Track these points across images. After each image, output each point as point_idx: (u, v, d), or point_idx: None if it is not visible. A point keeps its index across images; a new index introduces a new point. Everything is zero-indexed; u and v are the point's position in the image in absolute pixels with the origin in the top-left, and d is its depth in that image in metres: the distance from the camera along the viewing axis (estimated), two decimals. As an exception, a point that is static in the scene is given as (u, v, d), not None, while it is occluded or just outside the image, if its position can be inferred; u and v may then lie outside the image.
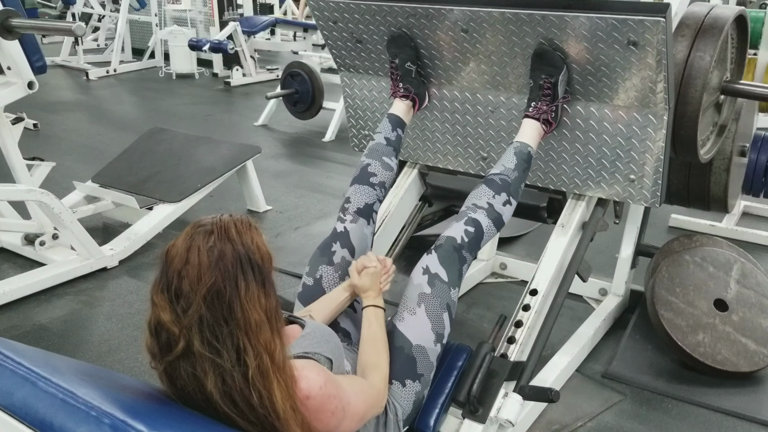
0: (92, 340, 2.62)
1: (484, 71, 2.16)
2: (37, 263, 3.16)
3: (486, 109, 2.24)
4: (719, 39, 2.16)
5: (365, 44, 2.31)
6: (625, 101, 1.98)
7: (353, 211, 1.99)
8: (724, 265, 2.51)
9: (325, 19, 2.30)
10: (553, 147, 2.16)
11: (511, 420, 1.81)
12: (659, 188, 2.06)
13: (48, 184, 3.45)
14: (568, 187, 2.21)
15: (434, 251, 1.79)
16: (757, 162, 3.16)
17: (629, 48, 1.85)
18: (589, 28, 1.87)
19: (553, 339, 2.22)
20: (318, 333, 1.48)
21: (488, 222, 1.87)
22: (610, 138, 2.06)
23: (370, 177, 2.05)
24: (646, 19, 1.77)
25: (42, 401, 1.04)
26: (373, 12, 2.18)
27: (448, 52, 2.18)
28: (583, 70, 1.98)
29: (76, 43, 8.44)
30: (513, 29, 2.00)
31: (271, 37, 9.49)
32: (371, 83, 2.45)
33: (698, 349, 2.37)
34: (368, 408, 1.47)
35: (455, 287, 1.76)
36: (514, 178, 1.95)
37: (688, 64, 2.17)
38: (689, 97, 2.15)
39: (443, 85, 2.28)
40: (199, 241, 1.20)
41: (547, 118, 2.03)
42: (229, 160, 3.77)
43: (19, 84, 2.99)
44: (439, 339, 1.70)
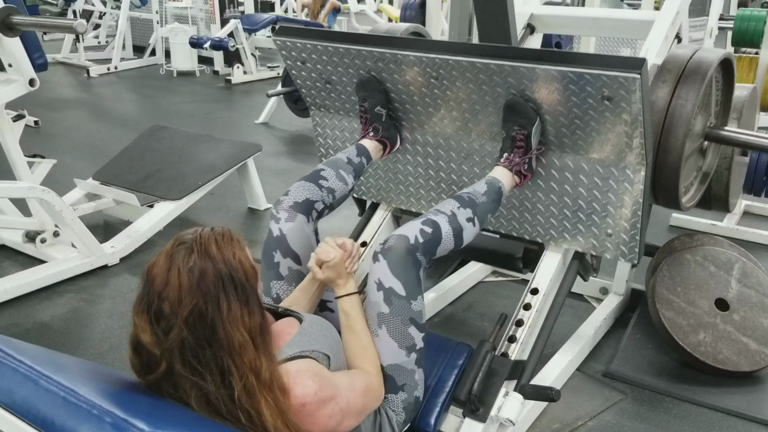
0: (93, 338, 2.62)
1: (456, 117, 2.06)
2: (38, 260, 3.16)
3: (459, 155, 2.14)
4: (702, 84, 2.04)
5: (335, 85, 2.21)
6: (601, 155, 1.89)
7: (288, 206, 1.81)
8: (726, 264, 2.51)
9: (293, 59, 2.21)
10: (528, 197, 2.07)
11: (511, 419, 1.81)
12: (637, 244, 1.97)
13: (49, 182, 3.45)
14: (544, 238, 2.11)
15: (383, 257, 1.60)
16: (759, 161, 3.16)
17: (603, 103, 1.74)
18: (562, 82, 1.76)
19: (554, 338, 2.22)
20: (315, 328, 1.47)
21: (448, 229, 1.71)
22: (585, 191, 1.96)
23: (319, 179, 1.90)
24: (621, 75, 1.66)
25: (43, 399, 1.04)
26: (341, 55, 2.09)
27: (418, 97, 2.08)
28: (557, 122, 1.88)
29: (77, 40, 8.43)
30: (483, 78, 1.89)
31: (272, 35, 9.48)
32: (342, 123, 2.35)
33: (699, 348, 2.37)
34: (367, 403, 1.47)
35: (415, 297, 1.61)
36: (482, 202, 1.82)
37: (669, 112, 2.05)
38: (670, 147, 2.04)
39: (415, 129, 2.18)
40: (179, 260, 1.18)
41: (520, 170, 1.93)
42: (230, 158, 3.77)
43: (20, 81, 2.99)
44: (411, 350, 1.60)
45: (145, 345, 1.18)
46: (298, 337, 1.41)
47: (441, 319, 2.78)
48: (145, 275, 1.21)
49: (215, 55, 8.19)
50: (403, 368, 1.60)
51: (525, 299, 2.06)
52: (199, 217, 3.78)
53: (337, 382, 1.37)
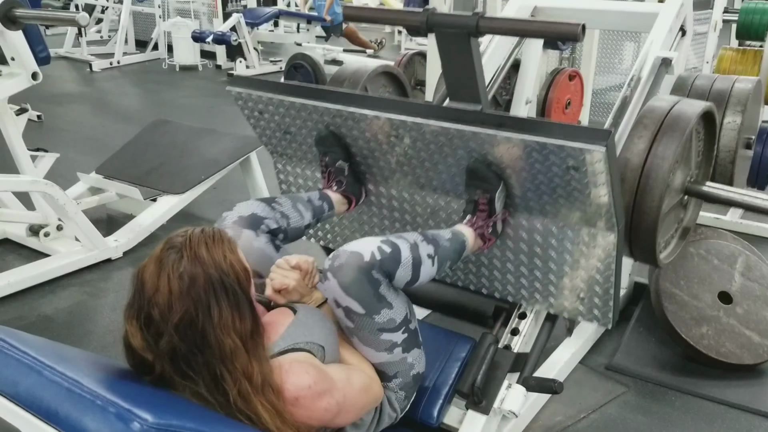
0: (97, 331, 2.63)
1: (420, 175, 1.95)
2: (42, 254, 3.17)
3: (425, 211, 2.04)
4: (681, 140, 1.91)
5: (294, 136, 2.11)
6: (569, 220, 1.78)
7: (232, 222, 1.68)
8: (729, 257, 2.51)
9: (249, 109, 2.14)
10: (497, 255, 1.96)
11: (514, 411, 1.81)
12: (611, 309, 1.87)
13: (52, 176, 3.45)
14: (515, 298, 2.00)
15: (332, 276, 1.46)
16: (763, 155, 3.14)
17: (569, 172, 1.64)
18: (524, 150, 1.66)
19: (557, 331, 2.22)
20: (309, 319, 1.46)
21: (408, 255, 1.55)
22: (556, 254, 1.85)
23: (272, 203, 1.79)
24: (585, 148, 1.55)
25: (47, 390, 1.05)
26: (298, 108, 1.98)
27: (380, 153, 1.96)
28: (522, 186, 1.78)
29: (80, 34, 8.42)
30: (444, 141, 1.79)
31: (275, 29, 9.45)
32: (305, 172, 2.24)
33: (702, 341, 2.37)
34: (366, 399, 1.47)
35: (378, 311, 1.49)
36: (444, 246, 1.69)
37: (645, 171, 1.92)
38: (646, 207, 1.93)
39: (380, 182, 2.07)
40: (168, 265, 1.17)
41: (483, 233, 1.82)
42: (233, 152, 3.77)
43: (23, 75, 2.99)
44: (392, 348, 1.54)
45: (137, 350, 1.18)
46: (291, 328, 1.40)
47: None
48: (135, 280, 1.20)
49: (218, 50, 8.17)
50: (390, 362, 1.57)
51: (528, 292, 2.05)
52: (202, 211, 3.78)
53: (333, 375, 1.36)
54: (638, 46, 5.61)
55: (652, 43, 2.42)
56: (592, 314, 1.89)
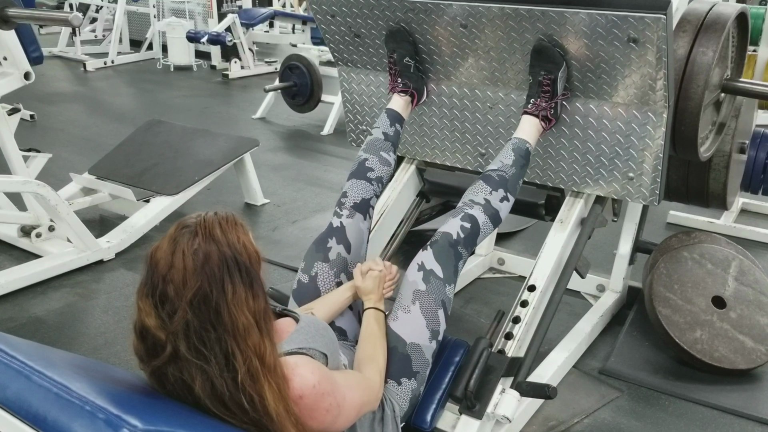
0: (88, 333, 2.61)
1: (483, 67, 2.14)
2: (34, 255, 3.15)
3: (484, 105, 2.22)
4: (721, 36, 2.14)
5: (363, 38, 2.30)
6: (625, 99, 1.96)
7: (350, 206, 1.97)
8: (723, 262, 2.51)
9: (323, 12, 2.29)
10: (552, 144, 2.14)
11: (508, 416, 1.81)
12: (657, 186, 2.05)
13: (44, 176, 3.44)
14: (567, 185, 2.19)
15: (430, 247, 1.76)
16: (756, 159, 3.16)
17: (629, 45, 1.83)
18: (589, 25, 1.85)
19: (551, 335, 2.22)
20: (312, 327, 1.47)
21: (485, 218, 1.85)
22: (608, 135, 2.04)
23: (367, 172, 2.03)
24: (647, 16, 1.75)
25: (36, 395, 1.03)
26: (372, 6, 2.16)
27: (446, 48, 2.15)
28: (583, 67, 1.96)
29: (74, 33, 8.39)
30: (512, 25, 1.98)
31: (270, 30, 9.46)
32: (369, 78, 2.44)
33: (696, 346, 2.37)
34: (364, 402, 1.46)
35: (451, 283, 1.74)
36: (511, 175, 1.92)
37: (690, 60, 2.14)
38: (691, 93, 2.13)
39: (442, 80, 2.26)
40: (183, 243, 1.18)
41: (546, 114, 2.01)
42: (227, 153, 3.76)
43: (16, 75, 2.98)
44: (434, 336, 1.68)
45: (150, 329, 1.17)
46: (295, 334, 1.41)
47: (437, 316, 2.77)
48: (149, 259, 1.20)
49: (212, 50, 8.16)
50: (422, 353, 1.66)
51: (522, 296, 2.05)
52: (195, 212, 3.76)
53: (336, 378, 1.37)
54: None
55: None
56: (641, 192, 2.07)
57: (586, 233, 2.16)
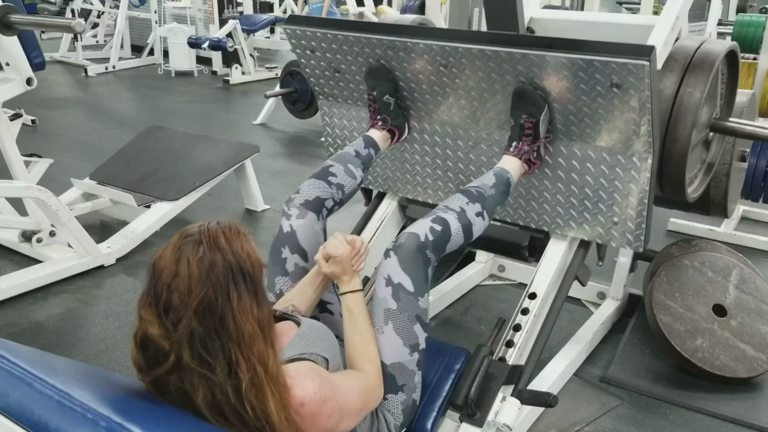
0: (89, 339, 2.61)
1: (465, 106, 2.07)
2: (34, 260, 3.15)
3: (467, 144, 2.14)
4: (710, 75, 2.06)
5: (343, 74, 2.22)
6: (608, 143, 1.90)
7: (299, 204, 1.83)
8: (723, 270, 2.51)
9: (302, 47, 2.22)
10: (535, 185, 2.08)
11: (508, 424, 1.80)
12: (642, 232, 1.99)
13: (45, 181, 3.44)
14: (550, 227, 2.12)
15: (394, 253, 1.63)
16: (757, 167, 3.16)
17: (612, 90, 1.75)
18: (571, 69, 1.78)
19: (551, 342, 2.21)
20: (314, 331, 1.47)
21: (457, 225, 1.73)
22: (592, 179, 1.97)
23: (329, 176, 1.91)
24: (630, 62, 1.67)
25: (38, 403, 1.03)
26: (351, 43, 2.09)
27: (427, 86, 2.08)
28: (565, 110, 1.89)
29: (75, 39, 8.41)
30: (493, 66, 1.90)
31: (271, 36, 9.48)
32: (350, 112, 2.35)
33: (696, 354, 2.37)
34: (365, 402, 1.46)
35: (423, 294, 1.62)
36: (490, 195, 1.84)
37: (677, 101, 2.07)
38: (678, 135, 2.07)
39: (423, 117, 2.19)
40: (188, 252, 1.18)
41: (529, 158, 1.94)
42: (228, 159, 3.76)
43: (18, 80, 2.98)
44: (414, 349, 1.60)
45: (153, 338, 1.17)
46: (296, 339, 1.41)
47: (438, 323, 2.77)
48: (152, 268, 1.20)
49: (213, 56, 8.18)
50: (405, 368, 1.60)
51: (523, 304, 2.05)
52: (196, 218, 3.77)
53: (336, 381, 1.36)
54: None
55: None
56: (625, 238, 2.01)
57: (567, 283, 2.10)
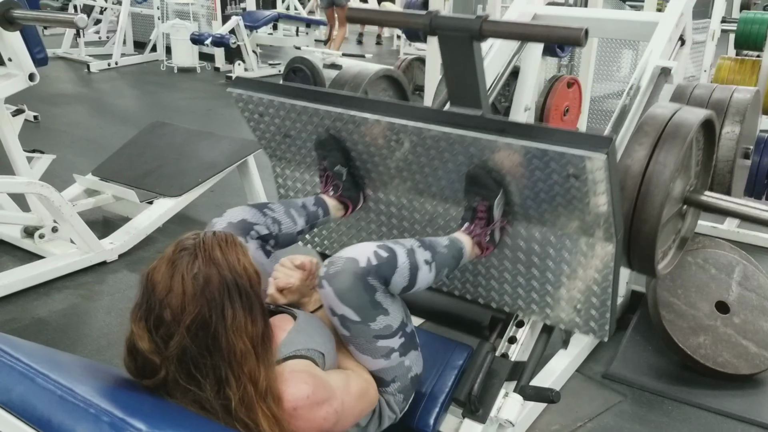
0: (91, 335, 2.62)
1: (419, 181, 1.94)
2: (37, 256, 3.15)
3: (423, 218, 2.03)
4: (683, 147, 1.91)
5: (294, 139, 2.10)
6: (569, 229, 1.77)
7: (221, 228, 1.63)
8: (726, 267, 2.50)
9: (250, 111, 2.13)
10: (494, 265, 1.94)
11: (511, 420, 1.81)
12: (607, 322, 1.84)
13: (48, 177, 3.44)
14: (511, 308, 1.98)
15: (327, 283, 1.43)
16: (760, 164, 3.14)
17: (569, 180, 1.63)
18: (525, 156, 1.65)
19: (554, 339, 2.21)
20: (309, 326, 1.45)
21: (405, 260, 1.52)
22: (553, 263, 1.83)
23: (264, 208, 1.75)
24: (586, 155, 1.54)
25: (40, 398, 1.03)
26: (298, 111, 1.98)
27: (379, 158, 1.95)
28: (522, 194, 1.77)
29: (78, 35, 8.40)
30: (444, 146, 1.78)
31: (274, 32, 9.47)
32: (304, 176, 2.22)
33: (699, 351, 2.36)
34: (364, 403, 1.46)
35: (374, 319, 1.47)
36: (441, 252, 1.68)
37: (646, 178, 1.92)
38: (646, 215, 1.93)
39: (378, 188, 2.06)
40: (182, 267, 1.16)
41: (480, 241, 1.80)
42: (231, 156, 3.76)
43: (20, 76, 2.98)
44: (389, 353, 1.52)
45: (143, 352, 1.16)
46: (293, 334, 1.39)
47: (440, 319, 2.77)
48: (145, 281, 1.18)
49: (216, 52, 8.17)
50: (388, 368, 1.55)
51: (525, 300, 2.04)
52: (198, 215, 3.77)
53: (332, 383, 1.35)
54: (636, 54, 5.62)
55: (652, 52, 2.42)
56: (589, 326, 1.87)
57: None
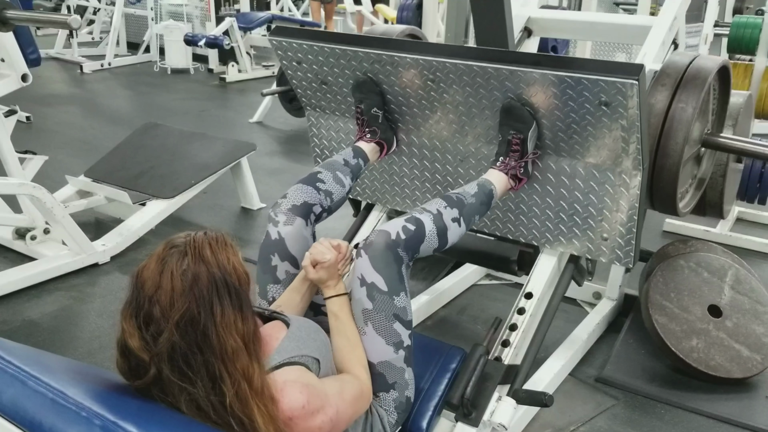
0: (83, 337, 2.60)
1: (453, 120, 2.05)
2: (28, 258, 3.13)
3: (455, 158, 2.13)
4: (702, 90, 2.05)
5: (330, 86, 2.19)
6: (597, 159, 1.89)
7: (287, 209, 1.78)
8: (719, 270, 2.51)
9: (288, 59, 2.19)
10: (524, 200, 2.06)
11: (504, 424, 1.80)
12: (632, 249, 1.97)
13: (40, 178, 3.43)
14: (539, 241, 2.10)
15: (364, 252, 1.59)
16: (752, 168, 3.17)
17: (601, 108, 1.74)
18: (559, 86, 1.76)
19: (547, 342, 2.21)
20: (304, 331, 1.45)
21: (432, 227, 1.68)
22: (582, 195, 1.96)
23: (317, 182, 1.87)
24: (618, 81, 1.66)
25: (31, 401, 1.02)
26: (337, 56, 2.06)
27: (415, 99, 2.06)
28: (554, 126, 1.88)
29: (71, 35, 8.37)
30: (480, 82, 1.88)
31: (268, 34, 9.45)
32: (338, 124, 2.32)
33: (692, 354, 2.37)
34: (357, 409, 1.45)
35: (398, 293, 1.59)
36: (470, 204, 1.80)
37: (669, 115, 2.05)
38: (669, 150, 2.05)
39: (411, 131, 2.17)
40: (172, 264, 1.16)
41: (516, 173, 1.92)
42: (224, 157, 3.75)
43: (13, 76, 2.97)
44: (398, 347, 1.58)
45: (133, 350, 1.15)
46: (286, 342, 1.39)
47: (434, 322, 2.77)
48: (135, 279, 1.18)
49: (210, 53, 8.15)
50: (393, 365, 1.58)
51: (519, 303, 2.06)
52: (191, 216, 3.76)
53: (327, 390, 1.34)
54: (630, 58, 5.63)
55: (645, 55, 2.43)
56: (615, 254, 1.99)
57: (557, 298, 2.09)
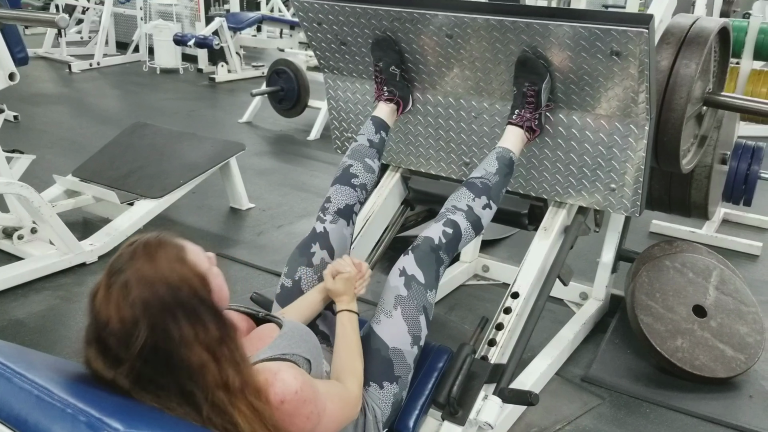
0: (70, 336, 2.59)
1: (468, 77, 2.15)
2: (15, 257, 3.12)
3: (469, 115, 2.24)
4: (704, 49, 2.17)
5: (349, 46, 2.30)
6: (607, 110, 1.99)
7: (333, 212, 1.97)
8: (704, 271, 2.54)
9: (309, 20, 2.29)
10: (535, 154, 2.17)
11: (490, 422, 1.81)
12: (639, 198, 2.07)
13: (28, 178, 3.41)
14: (549, 195, 2.21)
15: (411, 252, 1.76)
16: (738, 170, 3.20)
17: (612, 58, 1.85)
18: (573, 37, 1.88)
19: (534, 342, 2.23)
20: (296, 332, 1.46)
21: (467, 224, 1.86)
22: (591, 147, 2.06)
23: (351, 178, 2.03)
24: (629, 30, 1.78)
25: (17, 398, 1.02)
26: (358, 15, 2.17)
27: (432, 57, 2.17)
28: (566, 79, 1.98)
29: (59, 35, 8.33)
30: (497, 36, 2.00)
31: (258, 34, 9.44)
32: (355, 85, 2.44)
33: (676, 354, 2.39)
34: (344, 415, 1.46)
35: (432, 289, 1.74)
36: (495, 183, 1.94)
37: (673, 72, 2.17)
38: (674, 105, 2.16)
39: (427, 89, 2.27)
40: (117, 294, 1.12)
41: (531, 125, 2.03)
42: (213, 157, 3.75)
43: (0, 75, 2.95)
44: (415, 341, 1.68)
45: (98, 371, 1.14)
46: (278, 340, 1.40)
47: (422, 322, 2.78)
48: (90, 303, 1.16)
49: (199, 53, 8.14)
50: (404, 357, 1.65)
51: (505, 303, 2.06)
52: (180, 216, 3.75)
53: (318, 387, 1.36)
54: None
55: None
56: (623, 204, 2.10)
57: (569, 242, 2.18)
